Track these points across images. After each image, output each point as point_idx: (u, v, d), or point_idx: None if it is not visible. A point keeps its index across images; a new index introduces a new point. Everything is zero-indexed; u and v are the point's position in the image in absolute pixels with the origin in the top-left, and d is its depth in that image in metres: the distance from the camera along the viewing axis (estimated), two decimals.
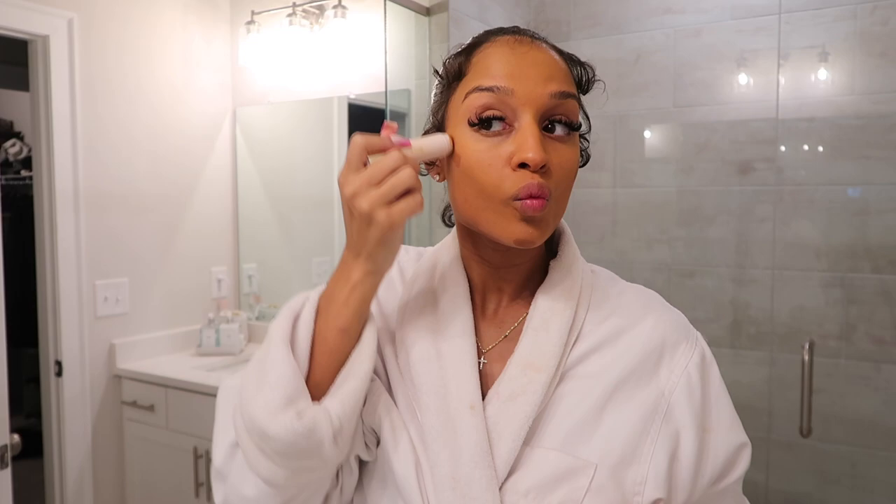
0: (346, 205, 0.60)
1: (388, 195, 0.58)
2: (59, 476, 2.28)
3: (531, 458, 0.61)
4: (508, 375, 0.63)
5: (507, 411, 0.62)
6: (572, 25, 2.48)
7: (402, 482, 0.62)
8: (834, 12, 2.07)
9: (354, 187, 0.59)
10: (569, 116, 0.62)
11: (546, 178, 0.60)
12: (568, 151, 0.62)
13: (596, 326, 0.66)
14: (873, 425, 2.08)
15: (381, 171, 0.59)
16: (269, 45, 2.58)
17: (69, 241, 2.24)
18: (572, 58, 0.67)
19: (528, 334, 0.65)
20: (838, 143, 2.11)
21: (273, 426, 0.57)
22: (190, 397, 2.20)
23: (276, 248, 2.81)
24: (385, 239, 0.60)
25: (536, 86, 0.60)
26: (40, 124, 2.21)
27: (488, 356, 0.67)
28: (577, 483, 0.59)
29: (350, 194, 0.59)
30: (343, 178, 0.60)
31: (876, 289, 2.07)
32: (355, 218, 0.59)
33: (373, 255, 0.61)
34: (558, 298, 0.66)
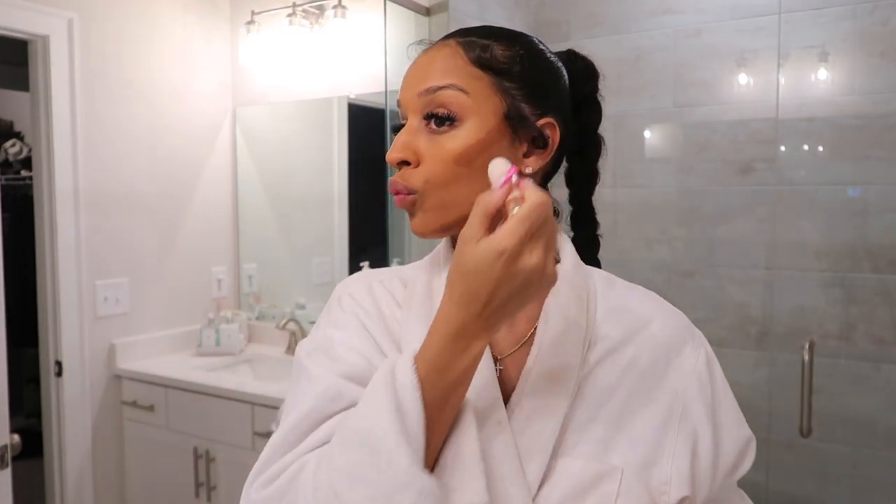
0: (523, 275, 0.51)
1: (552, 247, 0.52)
2: (59, 476, 2.28)
3: (559, 469, 0.60)
4: (531, 389, 0.62)
5: (533, 426, 0.61)
6: (572, 25, 2.48)
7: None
8: (834, 12, 2.07)
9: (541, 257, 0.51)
10: (441, 108, 0.63)
11: (411, 173, 0.64)
12: (444, 142, 0.63)
13: (606, 331, 0.66)
14: (873, 425, 2.08)
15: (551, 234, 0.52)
16: (269, 45, 2.58)
17: (69, 241, 2.24)
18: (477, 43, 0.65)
19: (544, 342, 0.64)
20: (838, 143, 2.11)
21: None
22: (190, 397, 2.20)
23: (276, 248, 2.81)
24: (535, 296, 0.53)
25: (410, 90, 0.65)
26: (40, 124, 2.21)
27: (504, 363, 0.66)
28: (606, 489, 0.60)
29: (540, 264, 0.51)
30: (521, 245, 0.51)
31: (876, 289, 2.07)
32: (532, 285, 0.52)
33: (504, 322, 0.54)
34: (569, 304, 0.65)
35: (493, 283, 0.51)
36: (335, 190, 2.59)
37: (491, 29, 0.68)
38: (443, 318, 0.54)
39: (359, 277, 0.75)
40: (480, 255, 0.51)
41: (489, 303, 0.52)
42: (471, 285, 0.52)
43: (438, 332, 0.55)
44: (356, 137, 2.54)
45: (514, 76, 0.65)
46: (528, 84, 0.65)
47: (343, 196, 2.58)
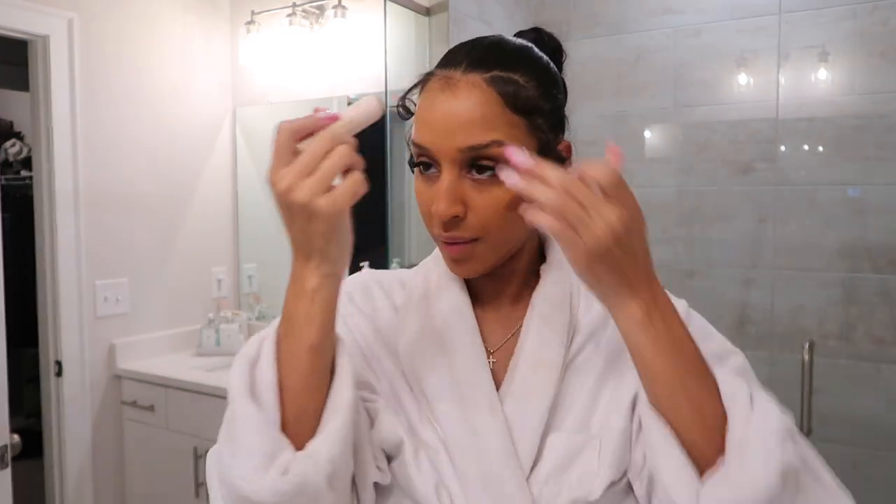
0: (281, 203, 0.54)
1: (324, 181, 0.53)
2: (59, 476, 2.28)
3: (547, 445, 0.64)
4: (520, 375, 0.66)
5: (523, 410, 0.65)
6: (572, 25, 2.49)
7: (423, 497, 0.63)
8: (834, 12, 2.07)
9: (287, 181, 0.53)
10: (486, 160, 0.61)
11: (463, 225, 0.63)
12: (493, 192, 0.62)
13: (589, 318, 0.70)
14: (873, 425, 2.08)
15: (313, 158, 0.54)
16: (269, 45, 2.58)
17: (69, 241, 2.24)
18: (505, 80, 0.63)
19: (531, 334, 0.68)
20: (838, 143, 2.11)
21: (258, 493, 0.53)
22: (190, 397, 2.20)
23: (276, 248, 2.80)
24: (332, 230, 0.55)
25: (447, 140, 0.62)
26: (40, 124, 2.21)
27: (497, 356, 0.70)
28: (588, 456, 0.63)
29: (284, 189, 0.53)
30: (273, 174, 0.54)
31: (876, 289, 2.07)
32: (295, 215, 0.54)
33: (325, 253, 0.56)
34: (553, 298, 0.69)
35: (282, 217, 0.56)
36: None
37: (505, 51, 0.66)
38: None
39: (358, 278, 0.77)
40: None
41: (291, 237, 0.57)
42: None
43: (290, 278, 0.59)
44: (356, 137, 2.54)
45: (543, 113, 0.64)
46: (553, 116, 0.66)
47: None
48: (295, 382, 0.57)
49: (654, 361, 0.56)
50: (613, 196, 0.54)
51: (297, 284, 0.58)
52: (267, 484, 0.53)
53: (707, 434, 0.55)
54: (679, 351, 0.57)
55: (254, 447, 0.54)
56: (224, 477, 0.56)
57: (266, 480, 0.53)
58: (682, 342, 0.57)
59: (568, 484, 0.62)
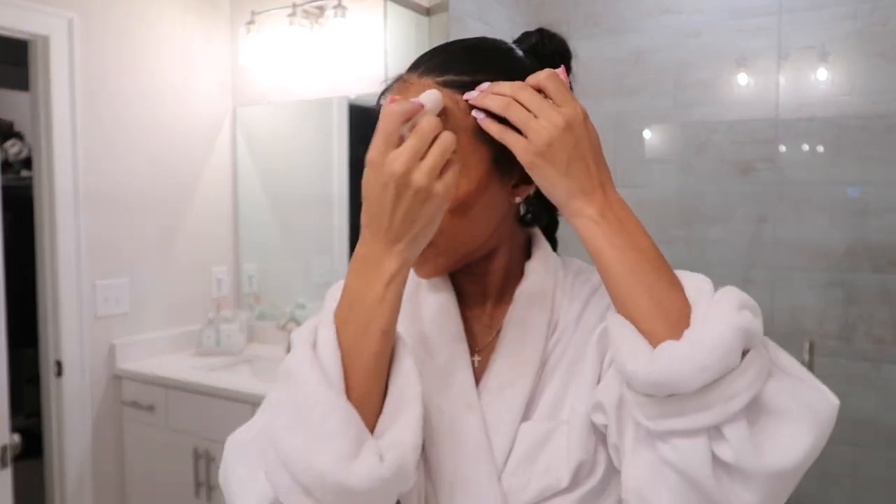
0: (391, 183, 0.54)
1: (439, 165, 0.55)
2: (59, 476, 2.28)
3: (519, 435, 0.65)
4: (496, 369, 0.67)
5: (500, 405, 0.65)
6: (572, 25, 2.48)
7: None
8: (834, 12, 2.07)
9: (404, 163, 0.54)
10: None
11: None
12: None
13: (567, 316, 0.70)
14: (873, 425, 2.08)
15: (423, 142, 0.55)
16: (269, 45, 2.58)
17: (69, 241, 2.24)
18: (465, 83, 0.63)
19: (510, 331, 0.68)
20: (838, 143, 2.11)
21: (355, 478, 0.52)
22: (190, 397, 2.20)
23: (276, 248, 2.81)
24: (439, 215, 0.57)
25: None
26: (40, 124, 2.21)
27: (481, 354, 0.70)
28: (556, 442, 0.63)
29: (403, 171, 0.54)
30: (380, 154, 0.55)
31: (876, 289, 2.07)
32: (404, 196, 0.55)
33: (416, 240, 0.57)
34: (534, 297, 0.70)
35: (374, 197, 0.56)
36: (335, 190, 2.59)
37: (471, 54, 0.66)
38: (357, 248, 0.58)
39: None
40: (363, 175, 0.56)
41: (379, 218, 0.56)
42: (364, 206, 0.57)
43: (353, 260, 0.59)
44: (356, 137, 2.54)
45: (506, 121, 0.62)
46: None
47: (343, 196, 2.58)
48: (362, 367, 0.57)
49: (612, 262, 0.58)
50: (559, 102, 0.59)
51: (372, 267, 0.57)
52: (364, 469, 0.53)
53: (670, 326, 0.55)
54: (635, 249, 0.58)
55: (338, 434, 0.53)
56: (301, 465, 0.54)
57: (363, 467, 0.53)
58: (638, 240, 0.59)
59: (536, 472, 0.63)
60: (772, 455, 0.52)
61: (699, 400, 0.52)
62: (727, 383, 0.52)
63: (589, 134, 0.60)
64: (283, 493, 0.55)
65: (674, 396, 0.52)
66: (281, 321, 2.55)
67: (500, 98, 0.59)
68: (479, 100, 0.61)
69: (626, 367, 0.55)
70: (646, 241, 0.60)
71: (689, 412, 0.52)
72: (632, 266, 0.58)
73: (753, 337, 0.54)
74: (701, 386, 0.51)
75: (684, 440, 0.53)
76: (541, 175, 0.59)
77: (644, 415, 0.55)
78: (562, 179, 0.59)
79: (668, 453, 0.54)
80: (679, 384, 0.51)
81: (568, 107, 0.59)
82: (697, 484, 0.52)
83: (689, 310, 0.57)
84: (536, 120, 0.58)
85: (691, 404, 0.52)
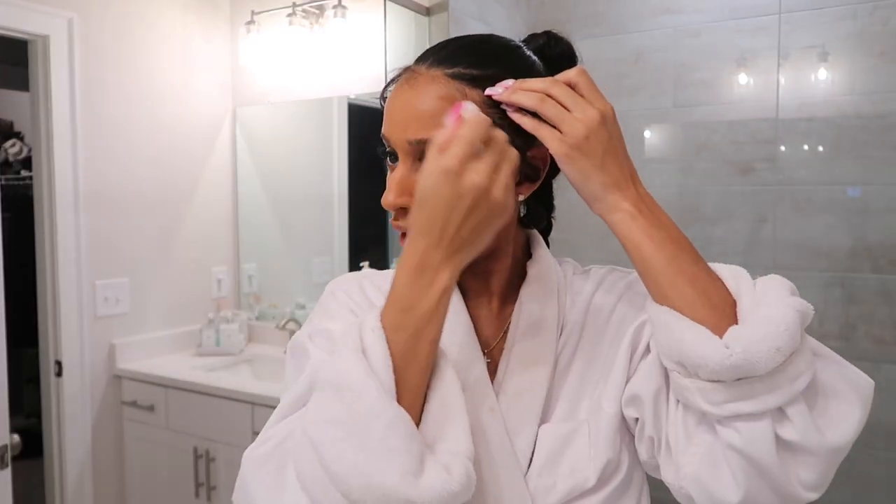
0: (471, 195, 0.54)
1: (511, 182, 0.56)
2: (59, 476, 2.28)
3: (539, 437, 0.65)
4: (511, 371, 0.67)
5: (518, 406, 0.66)
6: (572, 25, 2.48)
7: None
8: (834, 12, 2.07)
9: (486, 177, 0.54)
10: None
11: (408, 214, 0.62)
12: None
13: (574, 311, 0.71)
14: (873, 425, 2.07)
15: (501, 158, 0.56)
16: (269, 45, 2.58)
17: (69, 241, 2.24)
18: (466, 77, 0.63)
19: (520, 331, 0.69)
20: (838, 143, 2.11)
21: (424, 494, 0.50)
22: (190, 397, 2.20)
23: (276, 248, 2.81)
24: (500, 227, 0.58)
25: (401, 131, 0.63)
26: (40, 124, 2.21)
27: (491, 354, 0.70)
28: (578, 442, 0.64)
29: (484, 184, 0.54)
30: (461, 164, 0.53)
31: (876, 289, 2.07)
32: (479, 207, 0.54)
33: (477, 249, 0.57)
34: (540, 296, 0.70)
35: (443, 205, 0.54)
36: (335, 190, 2.59)
37: (480, 49, 0.66)
38: (406, 254, 0.56)
39: (349, 276, 0.78)
40: (430, 181, 0.54)
41: (444, 227, 0.54)
42: (424, 212, 0.55)
43: (403, 267, 0.56)
44: (356, 137, 2.54)
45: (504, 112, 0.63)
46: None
47: (343, 196, 2.58)
48: (412, 377, 0.55)
49: (651, 255, 0.59)
50: (590, 98, 0.60)
51: (427, 276, 0.55)
52: (435, 485, 0.51)
53: (717, 313, 0.56)
54: (673, 241, 0.59)
55: (403, 449, 0.51)
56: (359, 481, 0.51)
57: (431, 482, 0.51)
58: (673, 232, 0.60)
59: (562, 474, 0.63)
60: (829, 432, 0.55)
61: (769, 382, 0.53)
62: (792, 364, 0.53)
63: (617, 130, 0.61)
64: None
65: (743, 380, 0.53)
66: (281, 321, 2.55)
67: (531, 93, 0.60)
68: (508, 95, 0.60)
69: (693, 355, 0.54)
70: (679, 233, 0.60)
71: (758, 394, 0.53)
72: (672, 258, 0.58)
73: (807, 319, 0.56)
74: (774, 367, 0.52)
75: (749, 423, 0.54)
76: (576, 168, 0.59)
77: (708, 401, 0.55)
78: (597, 173, 0.59)
79: (732, 437, 0.54)
80: (755, 366, 0.52)
81: (600, 103, 0.60)
82: (761, 465, 0.53)
83: (732, 298, 0.58)
84: (571, 114, 0.59)
85: (761, 386, 0.53)
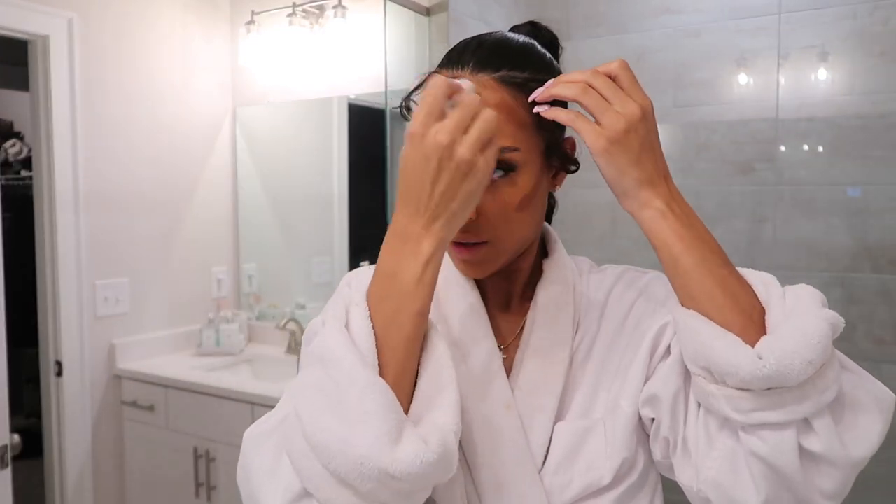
0: (434, 156, 0.52)
1: (483, 140, 0.53)
2: (59, 476, 2.28)
3: (555, 435, 0.65)
4: (527, 369, 0.67)
5: (533, 403, 0.66)
6: (572, 25, 2.48)
7: (441, 495, 0.63)
8: (834, 12, 2.07)
9: (449, 135, 0.52)
10: (503, 162, 0.61)
11: (474, 227, 0.62)
12: (503, 194, 0.62)
13: (588, 311, 0.71)
14: None
15: (469, 115, 0.53)
16: (269, 45, 2.58)
17: (69, 241, 2.24)
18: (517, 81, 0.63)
19: (536, 328, 0.69)
20: (838, 143, 2.11)
21: (399, 463, 0.49)
22: (190, 397, 2.20)
23: (276, 248, 2.81)
24: (479, 192, 0.55)
25: None
26: (40, 124, 2.21)
27: (507, 351, 0.70)
28: (594, 441, 0.64)
29: (447, 142, 0.52)
30: (423, 126, 0.52)
31: (876, 289, 2.07)
32: (446, 170, 0.52)
33: (456, 216, 0.54)
34: (557, 293, 0.70)
35: (411, 170, 0.53)
36: (335, 190, 2.59)
37: (511, 49, 0.66)
38: (391, 227, 0.56)
39: (367, 268, 0.78)
40: (404, 151, 0.54)
41: (419, 195, 0.53)
42: (401, 183, 0.55)
43: (387, 240, 0.56)
44: (356, 137, 2.54)
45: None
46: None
47: (343, 196, 2.58)
48: (396, 348, 0.54)
49: (681, 255, 0.58)
50: (631, 92, 0.58)
51: (408, 245, 0.54)
52: (409, 452, 0.49)
53: (745, 319, 0.55)
54: (703, 242, 0.58)
55: (378, 415, 0.50)
56: (336, 449, 0.50)
57: (408, 451, 0.49)
58: (704, 234, 0.59)
59: (578, 471, 0.63)
60: (852, 445, 0.54)
61: (798, 393, 0.52)
62: (822, 376, 0.53)
63: (655, 126, 0.60)
64: (314, 485, 0.52)
65: (773, 390, 0.53)
66: (281, 321, 2.55)
67: (573, 84, 0.59)
68: (549, 88, 0.60)
69: (724, 363, 0.53)
70: (709, 234, 0.59)
71: (787, 404, 0.52)
72: (701, 259, 0.57)
73: (838, 331, 0.55)
74: (805, 379, 0.52)
75: (774, 432, 0.53)
76: (612, 162, 0.58)
77: (735, 409, 0.54)
78: (633, 168, 0.58)
79: (756, 445, 0.54)
80: (787, 378, 0.52)
81: (640, 97, 0.58)
82: (784, 474, 0.53)
83: (761, 305, 0.57)
84: (612, 106, 0.57)
85: (790, 397, 0.52)
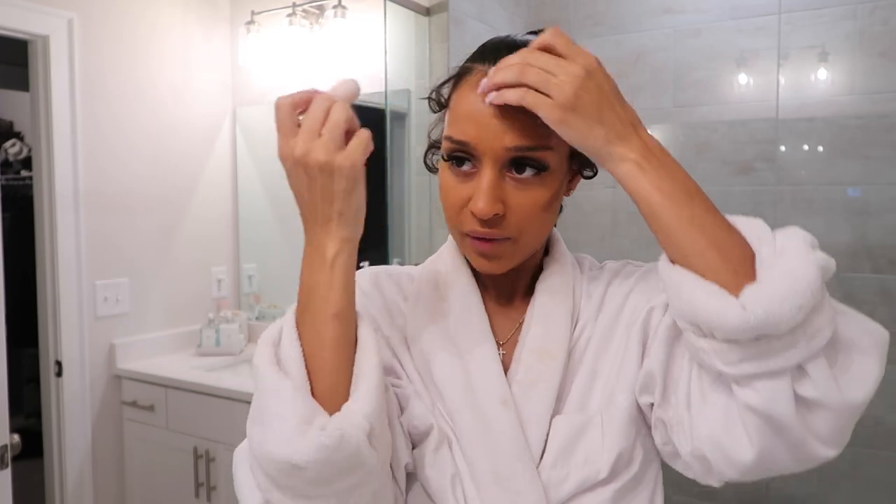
0: (299, 168, 0.55)
1: (336, 138, 0.54)
2: (59, 476, 2.28)
3: (552, 429, 0.65)
4: (525, 364, 0.67)
5: (530, 398, 0.66)
6: (572, 25, 2.48)
7: (437, 488, 0.64)
8: (834, 12, 2.07)
9: (301, 146, 0.54)
10: (532, 161, 0.62)
11: (501, 223, 0.63)
12: (533, 192, 0.63)
13: (588, 305, 0.71)
14: (873, 425, 2.08)
15: (316, 119, 0.55)
16: (269, 45, 2.58)
17: (69, 241, 2.24)
18: None
19: (534, 324, 0.69)
20: (838, 143, 2.11)
21: (298, 453, 0.52)
22: (190, 397, 2.20)
23: (276, 248, 2.81)
24: (353, 187, 0.56)
25: (495, 138, 0.61)
26: (40, 124, 2.21)
27: (506, 347, 0.71)
28: (591, 434, 0.64)
29: (301, 153, 0.54)
30: (283, 146, 0.56)
31: (876, 289, 2.07)
32: (314, 177, 0.55)
33: (344, 215, 0.57)
34: (556, 290, 0.71)
35: (295, 186, 0.58)
36: None
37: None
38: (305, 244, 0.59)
39: (367, 271, 0.78)
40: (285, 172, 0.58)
41: (306, 206, 0.58)
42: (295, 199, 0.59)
43: (304, 253, 0.59)
44: None
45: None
46: None
47: None
48: (323, 356, 0.57)
49: (663, 207, 0.56)
50: (569, 55, 0.57)
51: (314, 253, 0.58)
52: (307, 442, 0.52)
53: (732, 266, 0.54)
54: (684, 190, 0.57)
55: (287, 413, 0.53)
56: (259, 452, 0.54)
57: (305, 439, 0.52)
58: (685, 181, 0.57)
59: (575, 465, 0.63)
60: (849, 388, 0.53)
61: (788, 339, 0.51)
62: (813, 321, 0.51)
63: (607, 79, 0.58)
64: (264, 491, 0.56)
65: (761, 339, 0.51)
66: None
67: (511, 68, 0.57)
68: (490, 79, 0.59)
69: (709, 316, 0.52)
70: (693, 183, 0.57)
71: (778, 352, 0.51)
72: (683, 209, 0.56)
73: (829, 274, 0.54)
74: (795, 325, 0.51)
75: (767, 381, 0.52)
76: (573, 128, 0.57)
77: (724, 361, 0.53)
78: (596, 127, 0.57)
79: (750, 397, 0.53)
80: (776, 325, 0.50)
81: (581, 57, 0.57)
82: (780, 424, 0.52)
83: (751, 251, 0.55)
84: (555, 77, 0.56)
85: (779, 344, 0.51)
